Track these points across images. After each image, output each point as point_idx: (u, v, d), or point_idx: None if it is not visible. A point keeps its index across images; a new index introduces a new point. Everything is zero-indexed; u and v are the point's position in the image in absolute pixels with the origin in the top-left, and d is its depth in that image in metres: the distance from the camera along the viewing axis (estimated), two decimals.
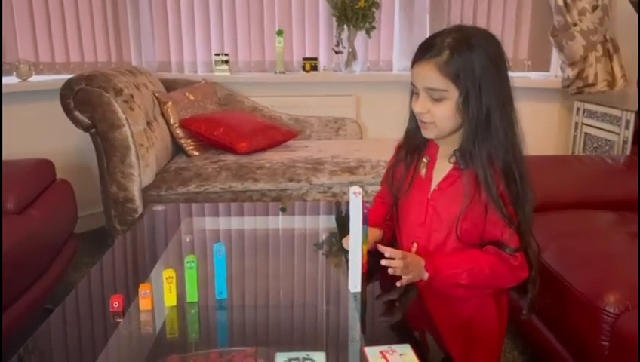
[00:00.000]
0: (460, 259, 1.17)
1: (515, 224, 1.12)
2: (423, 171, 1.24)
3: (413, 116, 1.21)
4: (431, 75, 1.11)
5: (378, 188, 1.49)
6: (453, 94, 1.11)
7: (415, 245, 1.23)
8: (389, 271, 1.12)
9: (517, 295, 1.22)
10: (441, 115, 1.13)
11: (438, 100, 1.12)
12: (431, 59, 1.10)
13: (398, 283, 1.12)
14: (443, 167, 1.21)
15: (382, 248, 1.13)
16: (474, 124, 1.11)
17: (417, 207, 1.23)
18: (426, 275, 1.15)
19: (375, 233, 1.28)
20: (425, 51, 1.12)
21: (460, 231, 1.16)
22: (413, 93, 1.17)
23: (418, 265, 1.15)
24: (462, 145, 1.16)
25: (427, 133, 1.18)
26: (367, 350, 0.91)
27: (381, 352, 0.90)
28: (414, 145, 1.25)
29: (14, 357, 0.92)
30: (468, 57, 1.08)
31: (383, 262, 1.12)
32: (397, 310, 1.15)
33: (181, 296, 1.08)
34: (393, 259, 1.12)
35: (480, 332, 1.23)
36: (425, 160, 1.24)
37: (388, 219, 1.34)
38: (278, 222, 1.70)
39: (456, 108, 1.11)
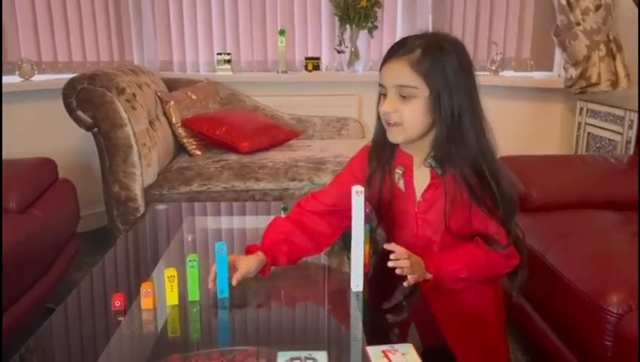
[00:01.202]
0: (456, 255, 1.19)
1: (498, 217, 1.14)
2: (401, 183, 1.22)
3: (380, 125, 1.20)
4: (402, 72, 1.11)
5: None
6: (423, 92, 1.10)
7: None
8: (397, 271, 1.12)
9: (507, 281, 1.25)
10: (410, 114, 1.12)
11: (407, 99, 1.11)
12: (402, 57, 1.11)
13: (405, 283, 1.12)
14: (422, 177, 1.20)
15: (389, 246, 1.13)
16: (447, 124, 1.11)
17: (407, 220, 1.24)
18: (428, 276, 1.15)
19: (251, 261, 1.15)
20: (396, 50, 1.13)
21: (448, 229, 1.18)
22: (381, 95, 1.16)
23: (421, 264, 1.15)
24: (436, 147, 1.15)
25: (393, 137, 1.16)
26: (369, 349, 0.91)
27: (383, 351, 0.90)
28: (384, 156, 1.23)
29: (16, 356, 0.92)
30: (439, 58, 1.10)
31: (391, 264, 1.12)
32: (402, 310, 1.15)
33: (183, 295, 1.08)
34: (398, 259, 1.12)
35: (483, 319, 1.25)
36: (399, 171, 1.22)
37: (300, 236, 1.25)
38: None
39: (425, 108, 1.11)
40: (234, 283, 1.11)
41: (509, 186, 1.16)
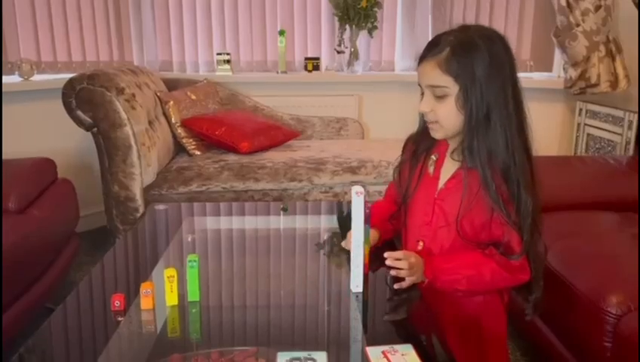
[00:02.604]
0: (459, 265, 1.16)
1: (516, 224, 1.11)
2: (431, 169, 1.24)
3: (422, 118, 1.22)
4: (433, 73, 1.12)
5: (380, 188, 1.49)
6: (453, 91, 1.11)
7: (421, 243, 1.23)
8: (392, 272, 1.13)
9: (521, 296, 1.22)
10: (444, 113, 1.13)
11: (440, 98, 1.13)
12: (433, 57, 1.12)
13: (396, 286, 1.12)
14: (450, 166, 1.21)
15: (387, 254, 1.13)
16: (473, 121, 1.11)
17: (424, 205, 1.23)
18: (424, 279, 1.15)
19: (373, 235, 1.27)
20: (428, 50, 1.14)
21: (462, 231, 1.16)
22: (421, 94, 1.18)
23: (420, 266, 1.15)
24: (463, 142, 1.16)
25: (434, 134, 1.19)
26: (369, 350, 0.91)
27: (383, 352, 0.90)
28: (424, 145, 1.25)
29: (15, 356, 0.92)
30: (468, 55, 1.09)
31: (388, 262, 1.12)
32: (400, 309, 1.15)
33: (182, 295, 1.08)
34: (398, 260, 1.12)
35: (488, 330, 1.23)
36: (434, 157, 1.24)
37: (392, 219, 1.33)
38: (280, 222, 1.69)
39: (457, 106, 1.11)
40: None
41: (533, 197, 1.11)
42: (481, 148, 1.11)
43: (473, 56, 1.09)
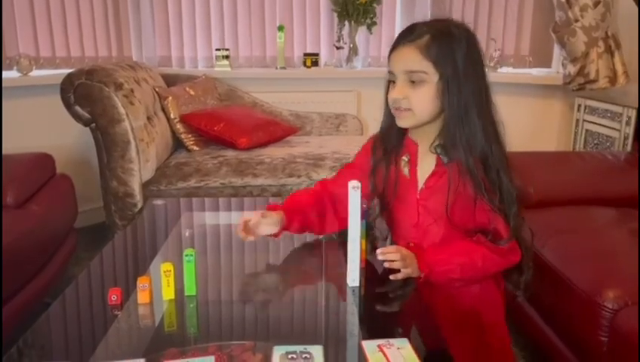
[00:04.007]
0: (451, 254, 1.17)
1: (502, 211, 1.13)
2: (406, 170, 1.23)
3: (388, 113, 1.21)
4: (412, 57, 1.11)
5: None
6: (432, 78, 1.11)
7: (412, 245, 1.23)
8: (386, 264, 1.13)
9: (511, 280, 1.24)
10: (420, 100, 1.12)
11: (416, 84, 1.12)
12: (412, 43, 1.11)
13: (391, 277, 1.13)
14: (426, 165, 1.20)
15: (379, 251, 1.14)
16: (454, 110, 1.11)
17: (408, 208, 1.23)
18: (420, 273, 1.15)
19: (276, 217, 1.23)
20: (405, 36, 1.13)
21: (454, 223, 1.17)
22: (390, 82, 1.17)
23: (414, 259, 1.15)
24: (442, 134, 1.16)
25: (403, 122, 1.17)
26: (365, 344, 0.91)
27: (379, 346, 0.90)
28: (391, 144, 1.23)
29: (13, 349, 0.92)
30: (449, 44, 1.10)
31: (380, 257, 1.13)
32: (394, 301, 1.15)
33: (179, 289, 1.08)
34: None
35: (487, 318, 1.24)
36: (405, 158, 1.23)
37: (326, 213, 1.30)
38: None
39: (434, 94, 1.11)
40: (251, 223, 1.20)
41: (512, 183, 1.14)
42: (462, 137, 1.12)
43: (453, 46, 1.10)
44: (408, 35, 1.12)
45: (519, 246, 1.18)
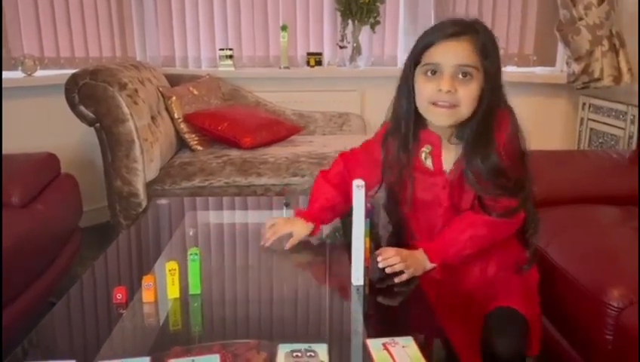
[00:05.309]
0: (456, 234, 1.19)
1: (512, 182, 1.16)
2: (428, 161, 1.23)
3: (401, 105, 1.20)
4: (466, 51, 1.11)
5: None
6: (479, 75, 1.12)
7: (412, 243, 1.25)
8: (388, 270, 1.15)
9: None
10: (469, 95, 1.12)
11: (466, 80, 1.12)
12: (466, 37, 1.12)
13: (396, 279, 1.14)
14: (451, 152, 1.21)
15: (379, 258, 1.16)
16: (487, 108, 1.13)
17: (433, 198, 1.23)
18: (428, 266, 1.16)
19: (306, 228, 1.30)
20: (463, 30, 1.12)
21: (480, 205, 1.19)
22: (428, 72, 1.15)
23: (415, 257, 1.16)
24: (461, 127, 1.17)
25: (444, 119, 1.15)
26: (370, 342, 0.91)
27: (383, 344, 0.90)
28: (408, 137, 1.21)
29: (18, 347, 0.93)
30: (493, 43, 1.13)
31: (381, 265, 1.15)
32: (396, 296, 1.16)
33: (184, 288, 1.09)
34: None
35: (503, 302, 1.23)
36: (426, 149, 1.23)
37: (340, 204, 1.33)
38: (283, 216, 1.69)
39: (478, 91, 1.12)
40: (288, 247, 1.28)
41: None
42: (490, 136, 1.14)
43: (495, 45, 1.13)
44: (460, 29, 1.12)
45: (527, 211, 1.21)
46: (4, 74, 2.70)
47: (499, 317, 1.14)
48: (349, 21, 3.17)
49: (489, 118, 1.13)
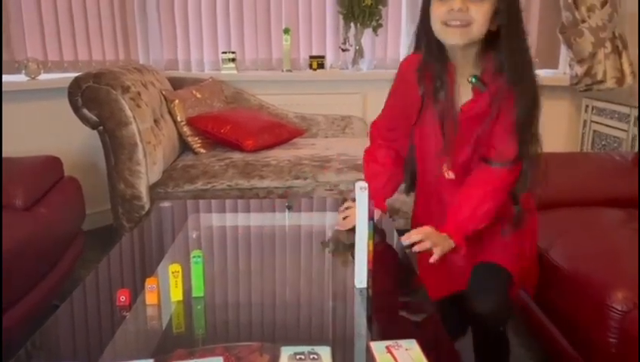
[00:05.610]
0: (472, 209, 1.21)
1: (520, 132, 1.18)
2: (442, 94, 1.23)
3: (430, 39, 1.21)
4: None
5: None
6: None
7: (445, 167, 1.27)
8: (415, 248, 1.17)
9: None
10: (482, 13, 1.12)
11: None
12: None
13: (431, 260, 1.16)
14: (464, 89, 1.22)
15: (403, 238, 1.18)
16: (506, 31, 1.13)
17: (441, 131, 1.25)
18: (453, 244, 1.19)
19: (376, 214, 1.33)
20: None
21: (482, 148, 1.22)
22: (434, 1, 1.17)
23: (439, 234, 1.17)
24: (479, 62, 1.18)
25: (457, 38, 1.16)
26: (373, 344, 0.91)
27: (387, 347, 0.90)
28: (436, 69, 1.23)
29: (22, 350, 0.93)
30: None
31: (405, 242, 1.17)
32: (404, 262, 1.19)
33: (187, 290, 1.09)
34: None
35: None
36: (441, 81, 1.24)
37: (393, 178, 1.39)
38: (285, 218, 1.70)
39: (492, 12, 1.12)
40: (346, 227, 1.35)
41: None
42: (512, 58, 1.14)
43: None
44: None
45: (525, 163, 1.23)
46: (8, 78, 2.71)
47: (482, 273, 1.21)
48: (352, 24, 3.17)
49: (513, 41, 1.13)
